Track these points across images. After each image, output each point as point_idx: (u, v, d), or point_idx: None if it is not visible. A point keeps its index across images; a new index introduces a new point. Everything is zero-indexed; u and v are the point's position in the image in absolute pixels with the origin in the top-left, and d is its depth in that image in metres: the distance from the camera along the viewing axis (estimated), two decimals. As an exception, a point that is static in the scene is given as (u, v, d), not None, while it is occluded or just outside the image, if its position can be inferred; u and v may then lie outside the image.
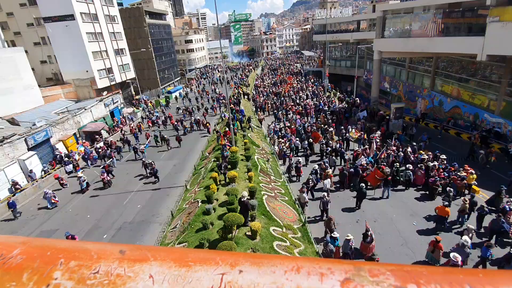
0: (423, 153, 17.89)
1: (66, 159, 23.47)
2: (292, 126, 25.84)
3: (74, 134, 27.84)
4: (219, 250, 8.56)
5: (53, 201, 17.76)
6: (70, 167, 22.70)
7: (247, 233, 10.73)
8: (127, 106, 40.75)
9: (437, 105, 26.43)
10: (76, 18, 33.95)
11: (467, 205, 12.36)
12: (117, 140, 27.64)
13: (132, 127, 31.51)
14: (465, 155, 18.70)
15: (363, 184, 14.29)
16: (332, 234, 11.01)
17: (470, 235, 10.68)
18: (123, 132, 30.78)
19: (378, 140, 20.65)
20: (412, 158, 17.77)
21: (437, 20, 23.27)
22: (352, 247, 10.85)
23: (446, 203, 12.52)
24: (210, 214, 12.42)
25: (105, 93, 37.17)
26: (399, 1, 36.26)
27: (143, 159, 21.09)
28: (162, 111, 38.14)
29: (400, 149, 19.26)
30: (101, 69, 37.91)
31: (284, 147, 21.35)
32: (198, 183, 17.61)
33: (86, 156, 24.30)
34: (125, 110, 37.95)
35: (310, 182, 15.52)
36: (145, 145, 24.15)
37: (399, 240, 12.12)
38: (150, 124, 33.03)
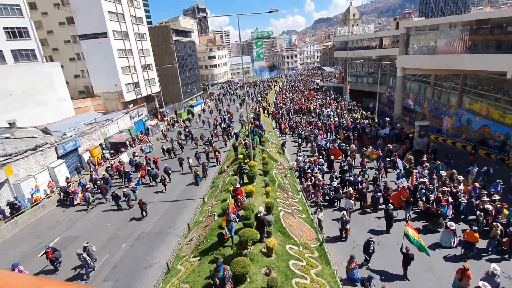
0: (495, 196, 14.13)
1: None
2: (315, 157, 22.38)
3: (100, 144, 29.10)
4: (232, 266, 8.42)
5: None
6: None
7: (262, 250, 10.50)
8: (151, 119, 42.27)
9: (465, 123, 25.21)
10: (108, 36, 36.29)
11: (499, 231, 11.45)
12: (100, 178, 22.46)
13: (112, 165, 25.38)
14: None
15: (391, 205, 13.69)
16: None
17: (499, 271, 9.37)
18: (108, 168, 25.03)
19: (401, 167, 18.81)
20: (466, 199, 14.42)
21: (464, 37, 22.68)
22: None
23: (475, 228, 11.66)
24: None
25: (131, 106, 38.89)
26: (423, 18, 35.67)
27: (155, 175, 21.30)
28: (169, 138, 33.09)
29: (436, 180, 16.63)
30: (128, 83, 39.91)
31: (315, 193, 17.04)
32: (215, 197, 17.66)
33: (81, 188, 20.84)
34: (148, 122, 39.35)
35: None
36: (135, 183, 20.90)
37: (424, 266, 11.36)
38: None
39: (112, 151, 29.72)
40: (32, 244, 15.89)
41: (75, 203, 19.89)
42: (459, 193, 15.01)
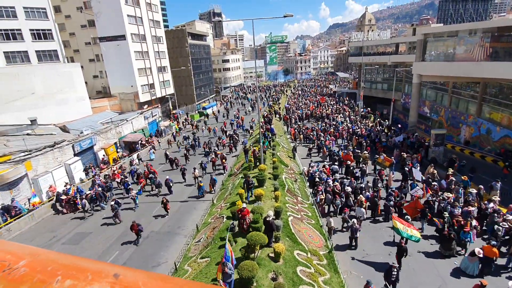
0: None
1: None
2: (327, 166, 21.09)
3: (115, 143, 29.79)
4: (239, 269, 8.37)
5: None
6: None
7: (270, 255, 10.41)
8: (165, 120, 42.98)
9: (484, 133, 24.34)
10: (127, 38, 37.34)
11: None
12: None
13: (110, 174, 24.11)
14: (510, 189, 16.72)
15: (409, 217, 13.22)
16: None
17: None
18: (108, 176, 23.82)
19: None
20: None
21: (484, 44, 21.98)
22: None
23: (494, 242, 11.10)
24: (235, 231, 12.31)
25: (145, 106, 39.71)
26: (441, 24, 34.91)
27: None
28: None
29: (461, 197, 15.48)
30: (144, 85, 40.83)
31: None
32: (224, 199, 17.71)
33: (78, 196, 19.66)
34: (162, 123, 40.03)
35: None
36: (137, 192, 19.85)
37: (437, 281, 10.94)
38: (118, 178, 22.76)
39: (126, 153, 30.32)
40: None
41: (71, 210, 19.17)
42: (497, 217, 12.89)
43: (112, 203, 17.35)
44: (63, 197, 19.40)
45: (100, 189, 20.12)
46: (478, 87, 25.05)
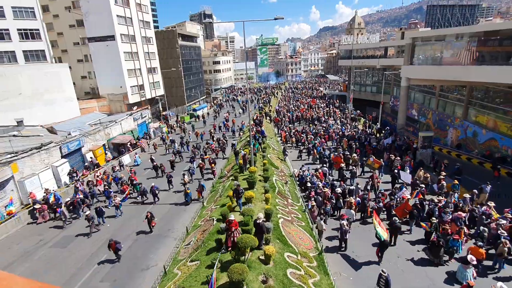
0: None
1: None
2: (320, 171, 20.59)
3: (104, 145, 29.26)
4: (229, 272, 8.30)
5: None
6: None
7: (260, 257, 10.37)
8: (154, 121, 42.50)
9: (471, 136, 24.97)
10: (116, 39, 36.86)
11: (506, 248, 10.94)
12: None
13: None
14: (500, 192, 17.16)
15: (396, 218, 13.35)
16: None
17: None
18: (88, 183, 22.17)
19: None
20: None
21: (471, 48, 22.51)
22: None
23: (480, 243, 11.31)
24: (225, 234, 12.20)
25: (135, 108, 39.19)
26: (429, 29, 35.76)
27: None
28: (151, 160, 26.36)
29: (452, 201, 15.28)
30: (133, 86, 40.35)
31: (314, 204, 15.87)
32: (215, 201, 17.59)
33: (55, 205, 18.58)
34: (151, 125, 39.57)
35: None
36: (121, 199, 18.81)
37: (425, 282, 11.08)
38: (100, 189, 21.45)
39: (115, 153, 29.80)
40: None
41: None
42: (485, 220, 13.07)
43: (88, 212, 16.51)
44: (37, 206, 18.25)
45: (82, 195, 19.24)
46: (465, 90, 25.69)
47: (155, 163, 24.72)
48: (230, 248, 10.39)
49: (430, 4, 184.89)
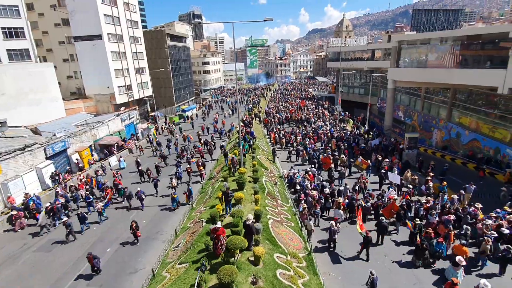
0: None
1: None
2: (310, 173, 20.26)
3: (90, 146, 28.63)
4: (219, 274, 8.26)
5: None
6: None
7: (250, 258, 10.38)
8: (142, 122, 41.90)
9: (454, 137, 25.76)
10: (103, 38, 36.15)
11: (489, 246, 11.30)
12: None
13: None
14: (484, 192, 17.77)
15: (383, 218, 13.58)
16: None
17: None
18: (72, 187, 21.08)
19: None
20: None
21: (455, 52, 23.19)
22: None
23: (464, 241, 11.66)
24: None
25: (122, 108, 38.53)
26: (415, 32, 36.70)
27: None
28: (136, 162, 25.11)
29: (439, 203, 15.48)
30: (121, 86, 39.65)
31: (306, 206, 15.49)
32: (204, 202, 17.49)
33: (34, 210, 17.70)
34: (139, 125, 38.98)
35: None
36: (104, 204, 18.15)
37: (412, 279, 11.35)
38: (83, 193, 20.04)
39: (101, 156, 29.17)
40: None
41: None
42: (469, 219, 13.45)
43: (65, 219, 15.69)
44: (14, 212, 17.19)
45: (63, 200, 18.29)
46: (449, 92, 26.48)
47: (140, 168, 23.59)
48: (217, 254, 10.17)
49: (415, 8, 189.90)
